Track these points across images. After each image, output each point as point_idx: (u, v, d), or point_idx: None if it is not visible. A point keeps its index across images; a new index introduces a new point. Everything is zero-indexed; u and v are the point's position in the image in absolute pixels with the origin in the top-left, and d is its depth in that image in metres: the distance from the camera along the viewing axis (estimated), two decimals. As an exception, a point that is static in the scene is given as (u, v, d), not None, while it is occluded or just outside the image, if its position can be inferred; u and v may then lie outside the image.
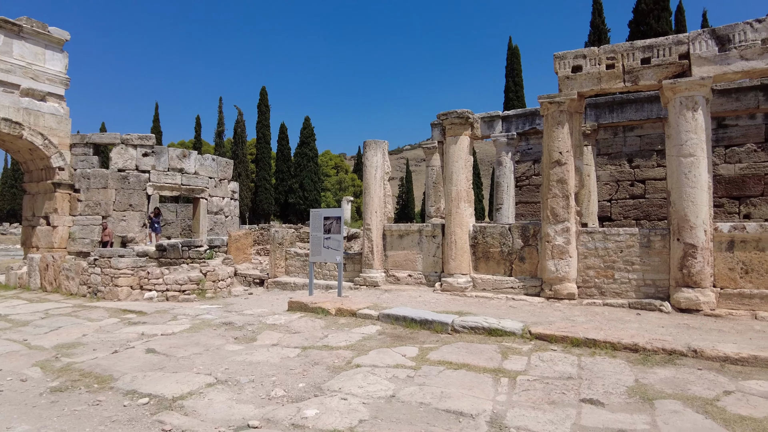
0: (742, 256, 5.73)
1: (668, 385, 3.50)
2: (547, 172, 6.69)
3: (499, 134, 11.08)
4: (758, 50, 5.55)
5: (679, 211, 5.85)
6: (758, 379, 3.61)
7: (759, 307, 5.58)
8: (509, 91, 24.34)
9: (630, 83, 6.22)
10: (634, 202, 12.61)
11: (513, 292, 6.99)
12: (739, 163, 11.43)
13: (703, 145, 5.80)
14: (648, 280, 6.15)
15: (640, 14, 18.41)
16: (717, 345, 4.24)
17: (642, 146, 12.55)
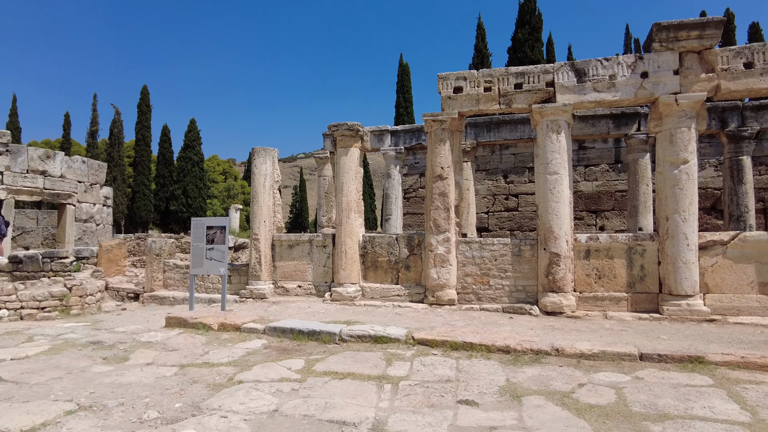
0: (596, 263, 6.50)
1: (534, 382, 3.84)
2: (431, 185, 7.05)
3: (388, 148, 11.45)
4: (606, 84, 6.38)
5: (545, 223, 6.49)
6: (606, 371, 4.10)
7: (609, 308, 6.35)
8: (400, 107, 25.21)
9: (505, 106, 6.80)
10: (509, 214, 13.71)
11: (399, 300, 7.22)
12: (596, 180, 12.97)
13: (566, 164, 6.50)
14: (519, 286, 6.72)
15: (517, 42, 20.16)
16: (575, 343, 4.75)
17: (516, 163, 13.72)
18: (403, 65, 25.91)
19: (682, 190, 6.04)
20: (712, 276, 6.14)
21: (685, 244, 5.98)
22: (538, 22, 20.08)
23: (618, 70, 6.37)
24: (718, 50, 6.13)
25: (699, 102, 6.11)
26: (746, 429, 2.95)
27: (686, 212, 6.02)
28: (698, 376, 3.98)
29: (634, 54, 6.43)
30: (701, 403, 3.36)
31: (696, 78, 6.15)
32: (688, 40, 6.12)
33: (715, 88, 6.13)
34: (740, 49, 6.12)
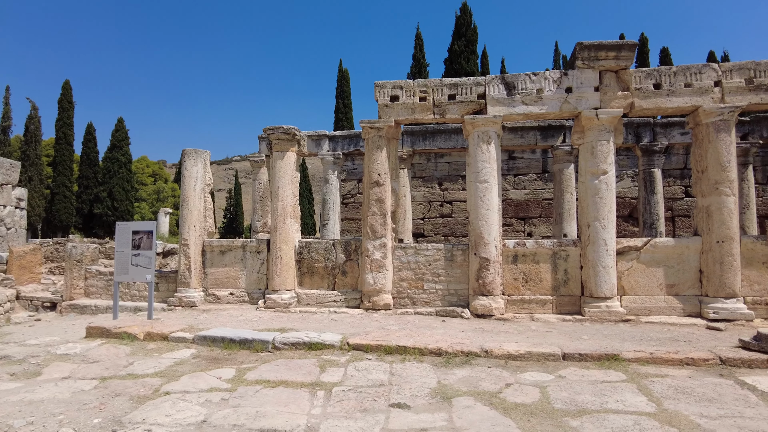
0: (523, 267, 6.81)
1: (464, 383, 3.96)
2: (368, 191, 7.11)
3: (326, 153, 11.42)
4: (534, 98, 6.74)
5: (476, 229, 6.72)
6: (531, 371, 4.31)
7: (535, 310, 6.67)
8: (339, 112, 25.20)
9: (439, 116, 6.99)
10: (444, 221, 14.07)
11: (336, 306, 7.21)
12: (524, 189, 13.59)
13: (495, 173, 6.78)
14: (452, 290, 6.91)
15: (453, 54, 20.75)
16: (503, 345, 4.95)
17: (450, 171, 14.12)
18: (342, 71, 25.94)
19: (601, 199, 6.47)
20: (627, 279, 6.61)
21: (605, 249, 6.41)
22: (474, 35, 20.80)
23: (545, 85, 6.74)
24: (632, 71, 6.64)
25: (616, 117, 6.58)
26: (651, 418, 3.20)
27: (605, 220, 6.45)
28: (613, 372, 4.27)
29: (560, 70, 6.82)
30: (615, 398, 3.61)
31: (614, 95, 6.63)
32: (607, 60, 6.59)
33: (630, 105, 6.63)
34: (650, 71, 6.66)
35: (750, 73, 6.45)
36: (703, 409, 3.38)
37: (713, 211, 6.38)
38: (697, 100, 6.51)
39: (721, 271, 6.27)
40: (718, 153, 6.40)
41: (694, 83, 6.52)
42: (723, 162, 6.38)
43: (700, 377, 4.14)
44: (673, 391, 3.75)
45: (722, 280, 6.26)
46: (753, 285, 6.42)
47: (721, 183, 6.37)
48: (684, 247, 6.56)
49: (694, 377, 4.13)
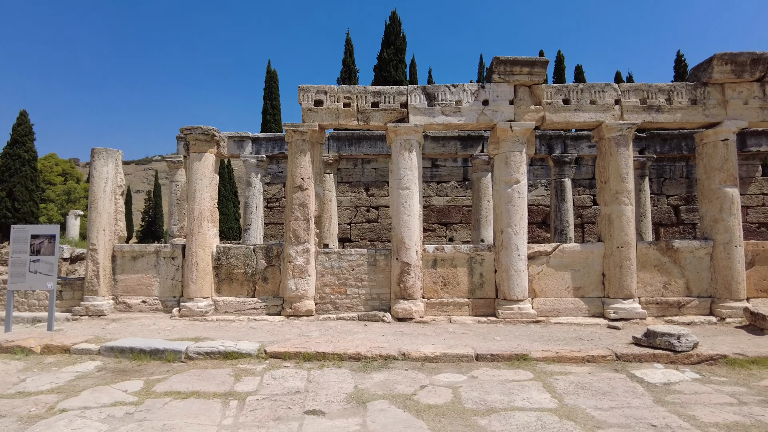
0: (442, 271, 7.03)
1: (381, 387, 4.02)
2: (291, 196, 7.04)
3: (249, 155, 11.15)
4: (453, 108, 7.00)
5: (398, 234, 6.86)
6: (446, 372, 4.45)
7: (453, 313, 6.89)
8: (267, 114, 24.69)
9: (362, 122, 7.07)
10: (370, 226, 14.19)
11: (255, 313, 7.04)
12: (446, 196, 14.03)
13: (417, 180, 6.96)
14: (374, 295, 6.99)
15: (382, 62, 21.01)
16: (420, 347, 5.07)
17: (377, 177, 14.28)
18: (271, 72, 25.46)
19: (514, 206, 6.83)
20: (538, 282, 7.00)
21: (517, 254, 6.76)
22: (403, 44, 21.19)
23: (463, 97, 7.01)
24: (544, 86, 7.09)
25: (529, 130, 6.98)
26: (552, 414, 3.42)
27: (518, 226, 6.81)
28: (522, 371, 4.51)
29: (478, 83, 7.14)
30: (522, 396, 3.82)
31: (527, 108, 7.03)
32: (521, 75, 6.97)
33: (542, 118, 7.06)
34: (560, 87, 7.14)
35: (644, 94, 7.09)
36: (598, 402, 3.66)
37: (614, 219, 6.93)
38: (600, 116, 7.06)
39: (620, 274, 6.82)
40: (618, 165, 6.98)
41: (598, 100, 7.07)
42: (622, 174, 6.96)
43: (599, 373, 4.47)
44: (574, 387, 4.03)
45: (621, 283, 6.80)
46: (647, 286, 7.04)
47: (620, 193, 6.94)
48: (589, 252, 7.07)
49: (593, 373, 4.46)
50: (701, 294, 7.04)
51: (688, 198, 13.94)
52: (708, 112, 7.07)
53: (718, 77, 6.99)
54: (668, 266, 7.09)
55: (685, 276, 7.07)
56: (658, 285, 7.06)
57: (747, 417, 3.36)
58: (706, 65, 7.10)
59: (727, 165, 7.04)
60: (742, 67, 6.92)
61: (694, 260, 7.07)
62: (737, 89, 7.06)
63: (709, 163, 7.18)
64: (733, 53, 6.90)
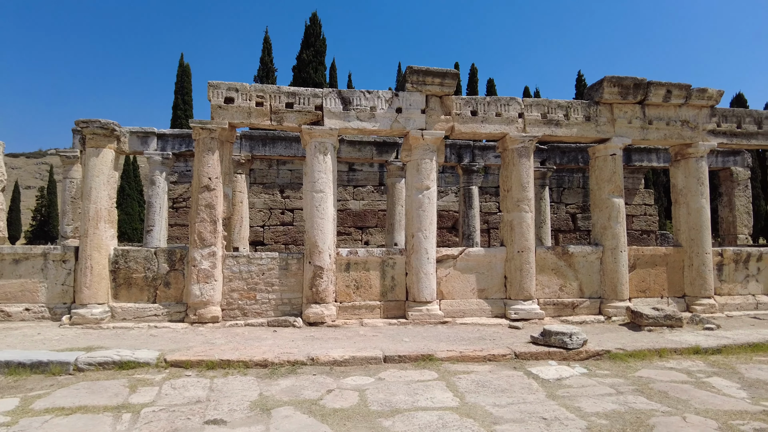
0: (355, 275, 7.06)
1: (287, 393, 3.95)
2: (197, 196, 6.73)
3: (154, 152, 10.51)
4: (368, 114, 7.08)
5: (311, 238, 6.79)
6: (354, 376, 4.47)
7: (365, 316, 6.94)
8: (178, 109, 23.44)
9: (276, 122, 6.93)
10: (284, 229, 13.94)
11: (157, 320, 6.63)
12: (363, 200, 14.14)
13: (331, 183, 6.94)
14: (285, 299, 6.86)
15: (302, 63, 20.76)
16: (329, 351, 5.05)
17: (292, 179, 14.07)
18: (183, 65, 24.23)
19: (424, 212, 7.03)
20: (446, 284, 7.25)
21: (426, 257, 6.96)
22: (323, 46, 21.10)
23: (378, 103, 7.12)
24: (454, 97, 7.38)
25: (439, 139, 7.23)
26: (453, 412, 3.55)
27: (427, 230, 7.01)
28: (427, 371, 4.64)
29: (392, 91, 7.27)
30: (426, 396, 3.92)
31: (438, 118, 7.27)
32: (433, 85, 7.21)
33: (451, 128, 7.34)
34: (469, 99, 7.47)
35: (545, 109, 7.62)
36: (497, 399, 3.85)
37: (515, 225, 7.36)
38: (505, 128, 7.47)
39: (520, 277, 7.25)
40: (520, 175, 7.43)
41: (504, 113, 7.48)
42: (524, 183, 7.41)
43: (499, 371, 4.71)
44: (475, 386, 4.21)
45: (521, 285, 7.23)
46: (544, 288, 7.55)
47: (522, 201, 7.38)
48: (492, 256, 7.44)
49: (493, 371, 4.69)
50: (592, 295, 7.67)
51: (584, 206, 15.14)
52: (599, 128, 7.75)
53: (607, 98, 7.68)
54: (564, 270, 7.65)
55: (579, 279, 7.67)
56: (555, 287, 7.59)
57: (622, 405, 3.70)
58: (598, 86, 7.78)
59: (615, 177, 7.75)
60: (627, 90, 7.66)
61: (586, 264, 7.69)
62: (623, 109, 7.80)
63: (600, 175, 7.86)
64: (620, 77, 7.62)
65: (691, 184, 8.05)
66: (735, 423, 3.38)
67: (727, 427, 3.30)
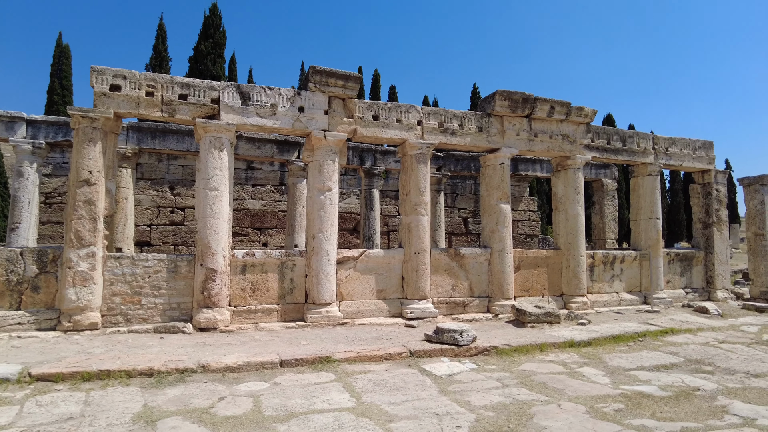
0: (251, 278, 6.83)
1: (175, 402, 3.71)
2: (74, 191, 6.09)
3: (22, 140, 9.34)
4: (269, 111, 6.90)
5: (203, 238, 6.46)
6: (248, 382, 4.32)
7: (261, 320, 6.75)
8: (55, 93, 21.05)
9: (167, 114, 6.50)
10: (174, 228, 13.10)
11: (21, 329, 5.89)
12: (262, 200, 13.74)
13: (227, 181, 6.66)
14: (174, 304, 6.44)
15: (199, 54, 19.67)
16: (222, 357, 4.84)
17: (185, 175, 13.28)
18: (62, 46, 21.84)
19: (326, 213, 7.01)
20: (345, 286, 7.28)
21: (327, 259, 6.93)
22: (222, 38, 20.19)
23: (279, 101, 6.96)
24: (357, 101, 7.44)
25: (342, 141, 7.25)
26: (350, 413, 3.57)
27: (328, 232, 6.99)
28: (325, 373, 4.62)
29: (294, 89, 7.16)
30: (322, 398, 3.90)
31: (340, 120, 7.29)
32: (336, 87, 7.21)
33: (354, 131, 7.40)
34: (371, 103, 7.59)
35: (441, 118, 7.96)
36: (392, 398, 3.94)
37: (413, 227, 7.60)
38: (405, 134, 7.69)
39: (416, 277, 7.49)
40: (418, 180, 7.68)
41: (404, 120, 7.70)
42: (421, 188, 7.68)
43: (394, 369, 4.82)
44: (371, 385, 4.27)
45: (417, 285, 7.48)
46: (438, 288, 7.87)
47: (419, 205, 7.64)
48: (391, 258, 7.61)
49: (389, 370, 4.79)
50: (481, 294, 8.14)
51: (475, 211, 16.03)
52: (491, 138, 8.26)
53: (498, 110, 8.22)
54: (456, 270, 8.04)
55: (470, 279, 8.10)
56: (447, 287, 7.94)
57: (507, 397, 3.97)
58: (490, 99, 8.29)
59: (503, 185, 8.30)
60: (516, 104, 8.26)
61: (476, 265, 8.15)
62: (512, 122, 8.40)
63: (490, 182, 8.38)
64: (510, 91, 8.19)
65: (570, 192, 8.87)
66: (599, 406, 3.78)
67: (594, 410, 3.67)
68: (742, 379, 4.65)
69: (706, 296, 10.10)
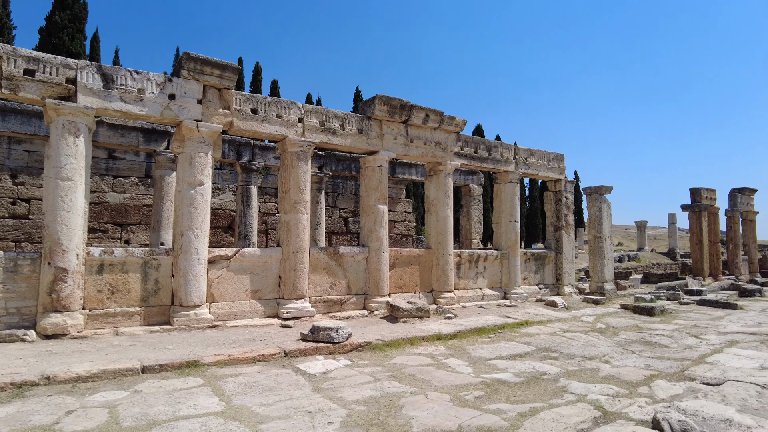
0: (110, 278, 6.23)
1: (9, 422, 3.26)
2: None
3: None
4: (135, 97, 6.34)
5: (52, 234, 5.74)
6: (104, 391, 3.94)
7: (121, 324, 6.18)
8: None
9: (9, 91, 5.66)
10: (16, 223, 11.44)
11: None
12: (124, 193, 12.57)
13: (83, 171, 5.99)
14: (12, 309, 5.63)
15: (53, 26, 17.37)
16: (72, 366, 4.35)
17: (31, 162, 11.66)
18: None
19: (196, 209, 6.63)
20: (217, 286, 6.96)
21: (196, 258, 6.56)
22: (83, 12, 18.07)
23: (147, 86, 6.44)
24: (234, 92, 7.15)
25: (216, 132, 6.92)
26: (218, 417, 3.43)
27: (199, 229, 6.63)
28: (192, 378, 4.38)
29: (165, 75, 6.66)
30: (189, 403, 3.70)
31: (216, 111, 6.95)
32: (212, 76, 6.86)
33: (230, 123, 7.11)
34: (250, 96, 7.35)
35: (323, 117, 7.98)
36: (264, 399, 3.86)
37: (291, 226, 7.51)
38: (285, 130, 7.57)
39: (294, 276, 7.41)
40: (298, 178, 7.61)
41: (284, 116, 7.57)
42: (301, 186, 7.62)
43: (268, 370, 4.73)
44: (243, 388, 4.14)
45: (295, 284, 7.40)
46: (317, 287, 7.87)
47: (299, 203, 7.57)
48: (268, 257, 7.44)
49: (263, 371, 4.69)
50: (358, 292, 8.31)
51: (355, 211, 16.29)
52: (370, 141, 8.47)
53: (378, 114, 8.46)
54: (335, 269, 8.11)
55: (348, 277, 8.23)
56: (326, 285, 7.98)
57: (379, 391, 4.12)
58: (371, 103, 8.50)
59: (381, 186, 8.56)
60: (394, 109, 8.57)
61: (354, 264, 8.30)
62: (390, 126, 8.70)
63: (369, 183, 8.59)
64: (389, 97, 8.47)
65: (441, 196, 9.42)
66: (462, 394, 4.08)
67: (457, 398, 3.96)
68: (579, 363, 5.33)
69: (555, 291, 11.38)
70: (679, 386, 4.37)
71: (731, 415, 3.54)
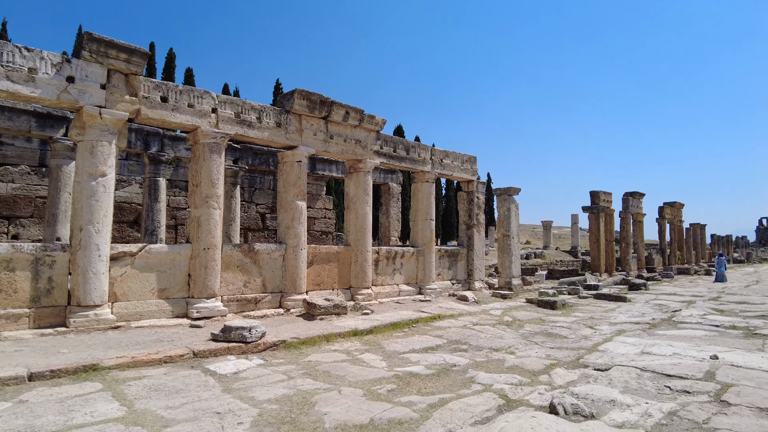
0: (-7, 277, 5.61)
1: None
2: None
3: None
4: (25, 77, 5.75)
5: None
6: (-18, 402, 3.56)
7: (6, 328, 5.59)
8: None
9: None
10: None
11: None
12: (13, 183, 11.37)
13: (-40, 157, 5.34)
14: None
15: None
16: (-57, 376, 3.88)
17: None
18: None
19: (98, 202, 6.15)
20: (120, 285, 6.51)
21: (97, 255, 6.10)
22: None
23: (41, 66, 5.87)
24: (143, 78, 6.72)
25: (122, 120, 6.46)
26: (119, 423, 3.23)
27: (101, 224, 6.16)
28: (90, 383, 4.08)
29: (63, 55, 6.10)
30: (85, 410, 3.44)
31: (121, 98, 6.49)
32: (118, 60, 6.39)
33: (137, 111, 6.67)
34: (159, 83, 6.94)
35: (239, 109, 7.72)
36: (170, 402, 3.68)
37: (203, 221, 7.19)
38: (197, 121, 7.23)
39: (205, 274, 7.11)
40: (210, 171, 7.31)
41: (197, 105, 7.23)
42: (214, 179, 7.32)
43: (175, 372, 4.51)
44: (147, 391, 3.92)
45: (206, 283, 7.11)
46: (229, 285, 7.61)
47: (211, 197, 7.27)
48: (176, 254, 7.08)
49: (169, 373, 4.47)
50: (274, 290, 8.14)
51: (273, 207, 15.93)
52: (289, 136, 8.32)
53: (297, 109, 8.33)
54: (249, 267, 7.89)
55: (263, 275, 8.03)
56: (239, 284, 7.74)
57: (292, 389, 4.07)
58: (290, 96, 8.36)
59: (299, 182, 8.45)
60: (314, 105, 8.49)
61: (270, 261, 8.12)
62: (310, 122, 8.60)
63: (287, 179, 8.44)
64: (309, 92, 8.37)
65: (360, 193, 9.48)
66: (375, 388, 4.15)
67: (370, 393, 4.02)
68: (486, 354, 5.61)
69: (467, 286, 11.88)
70: (574, 373, 4.75)
71: (615, 396, 3.93)
